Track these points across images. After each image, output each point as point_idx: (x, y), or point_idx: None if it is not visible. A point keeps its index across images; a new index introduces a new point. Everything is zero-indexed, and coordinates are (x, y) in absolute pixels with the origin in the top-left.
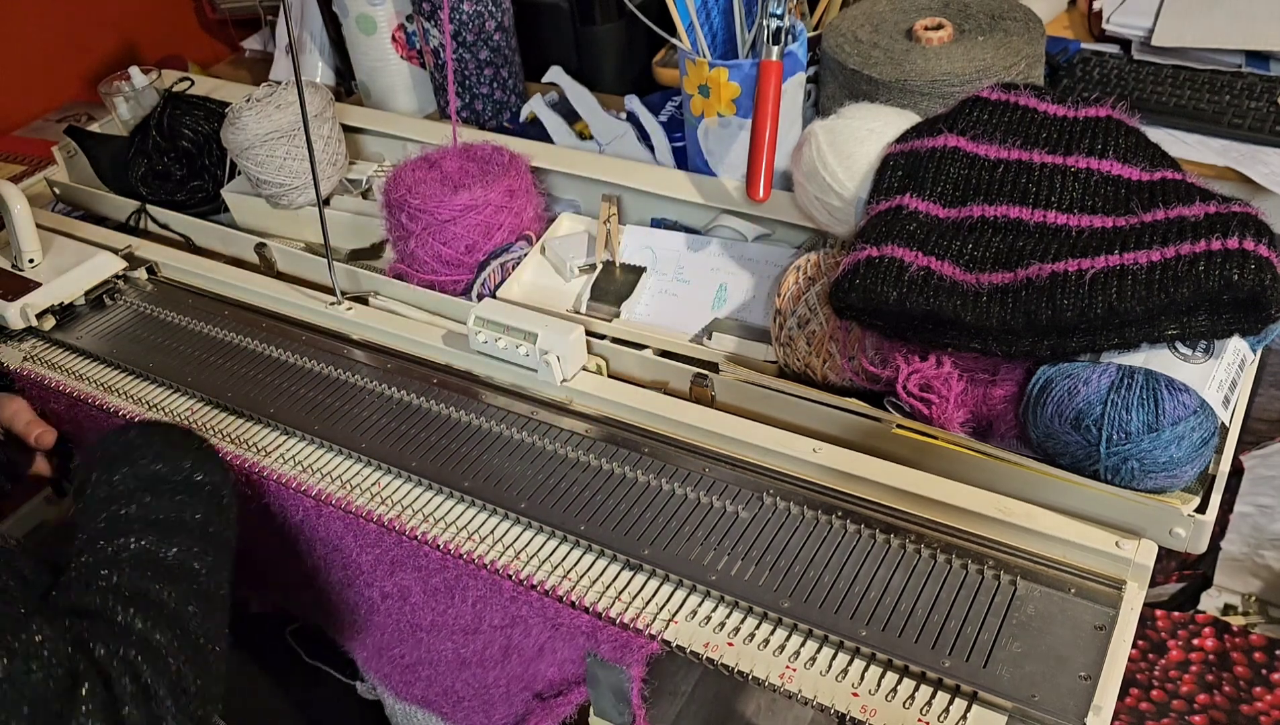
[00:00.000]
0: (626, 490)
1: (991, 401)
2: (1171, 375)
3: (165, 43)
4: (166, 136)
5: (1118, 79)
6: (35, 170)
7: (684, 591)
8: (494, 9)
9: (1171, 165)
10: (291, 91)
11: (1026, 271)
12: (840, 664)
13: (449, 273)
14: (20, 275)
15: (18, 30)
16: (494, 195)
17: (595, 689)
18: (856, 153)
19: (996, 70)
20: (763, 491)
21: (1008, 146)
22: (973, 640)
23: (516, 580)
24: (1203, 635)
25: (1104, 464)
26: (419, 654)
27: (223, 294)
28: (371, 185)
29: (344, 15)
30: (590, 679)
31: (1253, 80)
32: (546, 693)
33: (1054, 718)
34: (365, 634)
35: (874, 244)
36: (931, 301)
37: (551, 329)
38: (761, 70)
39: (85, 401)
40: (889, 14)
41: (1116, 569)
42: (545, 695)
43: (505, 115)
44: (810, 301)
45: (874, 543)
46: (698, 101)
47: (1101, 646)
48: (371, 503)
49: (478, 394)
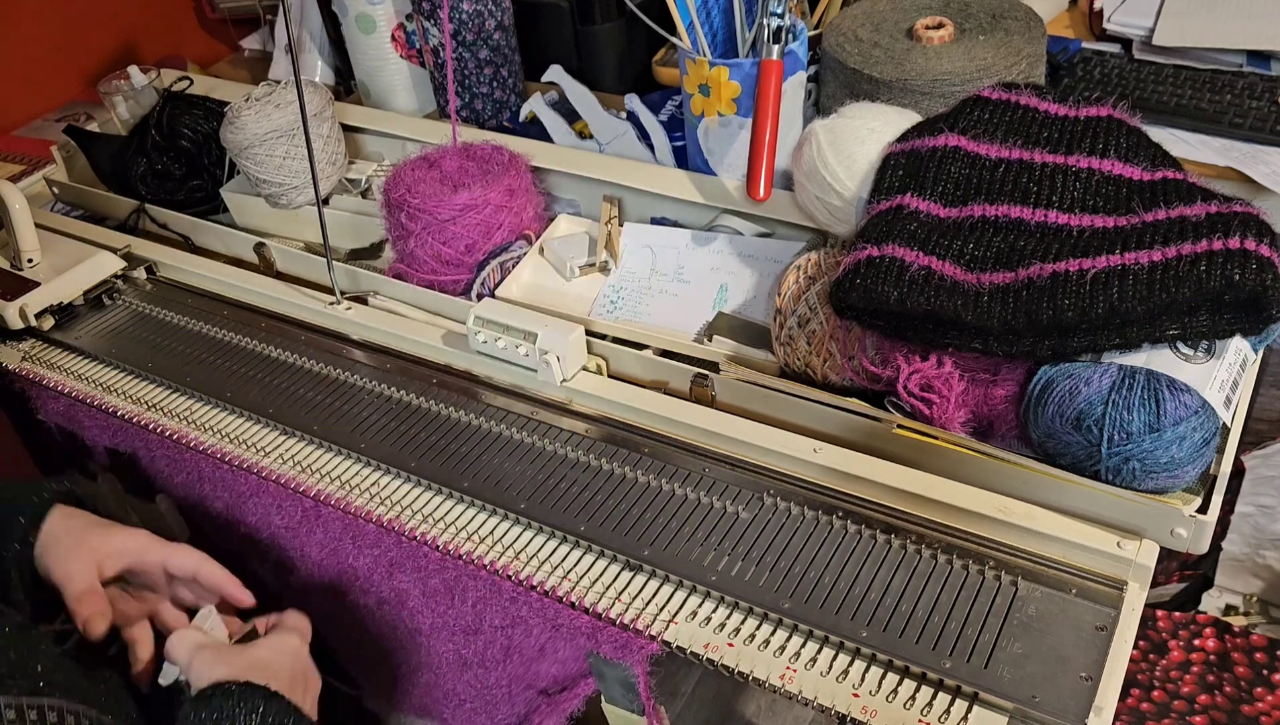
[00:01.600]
0: (626, 490)
1: (992, 401)
2: (1173, 375)
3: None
4: (166, 136)
5: (1118, 78)
6: (35, 170)
7: (684, 592)
8: (494, 8)
9: (1173, 165)
10: (291, 91)
11: (1027, 271)
12: (841, 665)
13: (449, 272)
14: (19, 275)
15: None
16: (494, 195)
17: (603, 680)
18: (857, 152)
19: (997, 69)
20: (763, 491)
21: (1009, 146)
22: (974, 641)
23: (516, 581)
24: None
25: (1105, 464)
26: (419, 659)
27: (222, 294)
28: (371, 185)
29: (343, 14)
30: (596, 672)
31: (1254, 80)
32: (551, 689)
33: (1055, 718)
34: (361, 643)
35: (874, 243)
36: (932, 301)
37: (551, 329)
38: (762, 69)
39: (85, 401)
40: (889, 13)
41: (1118, 569)
42: (550, 691)
43: (505, 115)
44: (810, 301)
45: (874, 543)
46: (698, 101)
47: (1103, 647)
48: (371, 503)
49: (477, 394)
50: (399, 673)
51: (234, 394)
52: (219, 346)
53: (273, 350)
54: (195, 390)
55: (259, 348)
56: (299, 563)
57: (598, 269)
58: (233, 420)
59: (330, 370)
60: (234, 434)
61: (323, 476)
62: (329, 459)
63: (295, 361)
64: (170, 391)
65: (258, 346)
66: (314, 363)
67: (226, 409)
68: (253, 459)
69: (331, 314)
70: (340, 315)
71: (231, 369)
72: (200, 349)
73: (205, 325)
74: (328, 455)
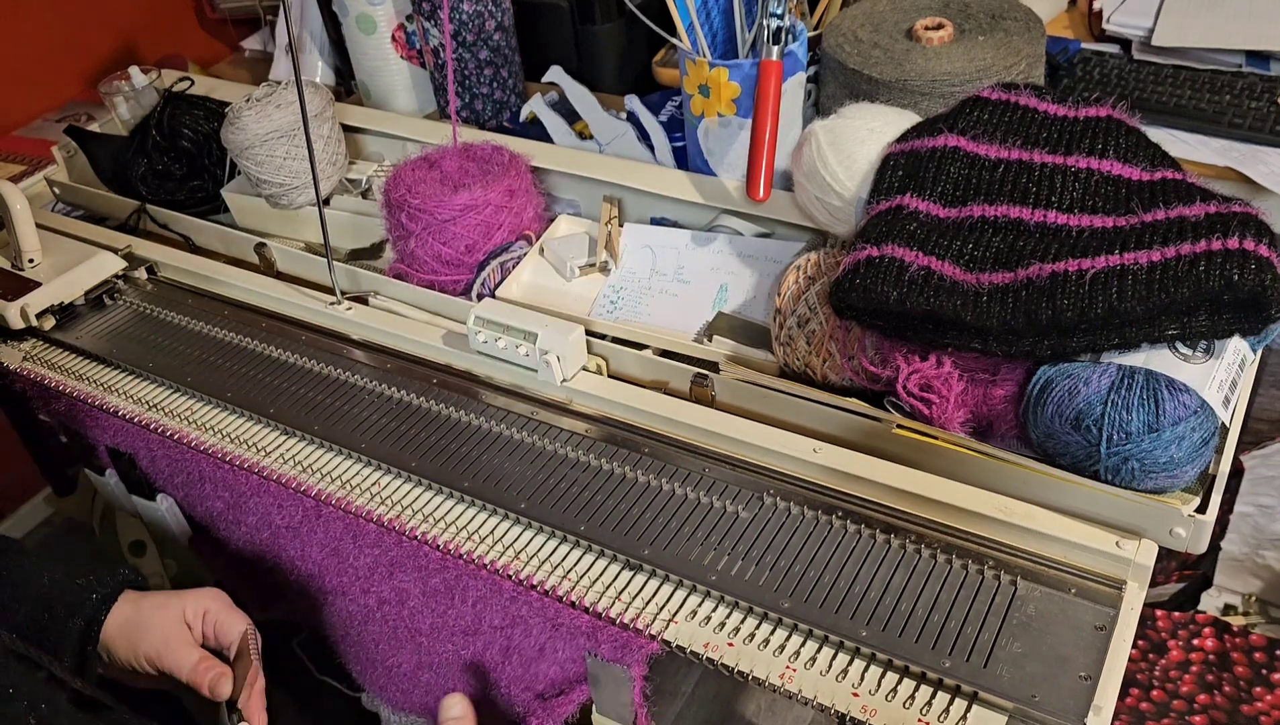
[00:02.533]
0: (626, 490)
1: (992, 401)
2: (1172, 375)
3: (165, 42)
4: (166, 136)
5: (1118, 79)
6: (35, 170)
7: (684, 591)
8: (494, 9)
9: (1172, 165)
10: (291, 91)
11: (1027, 271)
12: (840, 664)
13: (449, 273)
14: (20, 275)
15: (18, 30)
16: (494, 195)
17: (597, 688)
18: (857, 152)
19: (997, 70)
20: (763, 491)
21: (1008, 146)
22: (973, 640)
23: (516, 580)
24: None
25: (1104, 464)
26: (419, 659)
27: (222, 294)
28: (371, 185)
29: (344, 15)
30: (592, 679)
31: (1253, 80)
32: (548, 693)
33: (1054, 718)
34: (361, 644)
35: (874, 243)
36: (932, 301)
37: (551, 329)
38: (761, 70)
39: (85, 401)
40: (889, 14)
41: (1117, 569)
42: (546, 695)
43: (505, 115)
44: (810, 301)
45: (874, 543)
46: (698, 101)
47: (1102, 646)
48: (371, 503)
49: (478, 394)
50: (399, 672)
51: (235, 394)
52: (220, 346)
53: (273, 350)
54: (196, 390)
55: (259, 348)
56: (300, 562)
57: (598, 269)
58: (233, 420)
59: (331, 370)
60: (234, 434)
61: (323, 476)
62: (329, 459)
63: (296, 361)
64: (171, 391)
65: (258, 346)
66: (314, 363)
67: (227, 409)
68: (253, 459)
69: (332, 314)
70: (340, 315)
71: (232, 369)
72: (201, 349)
73: (206, 325)
74: (328, 455)
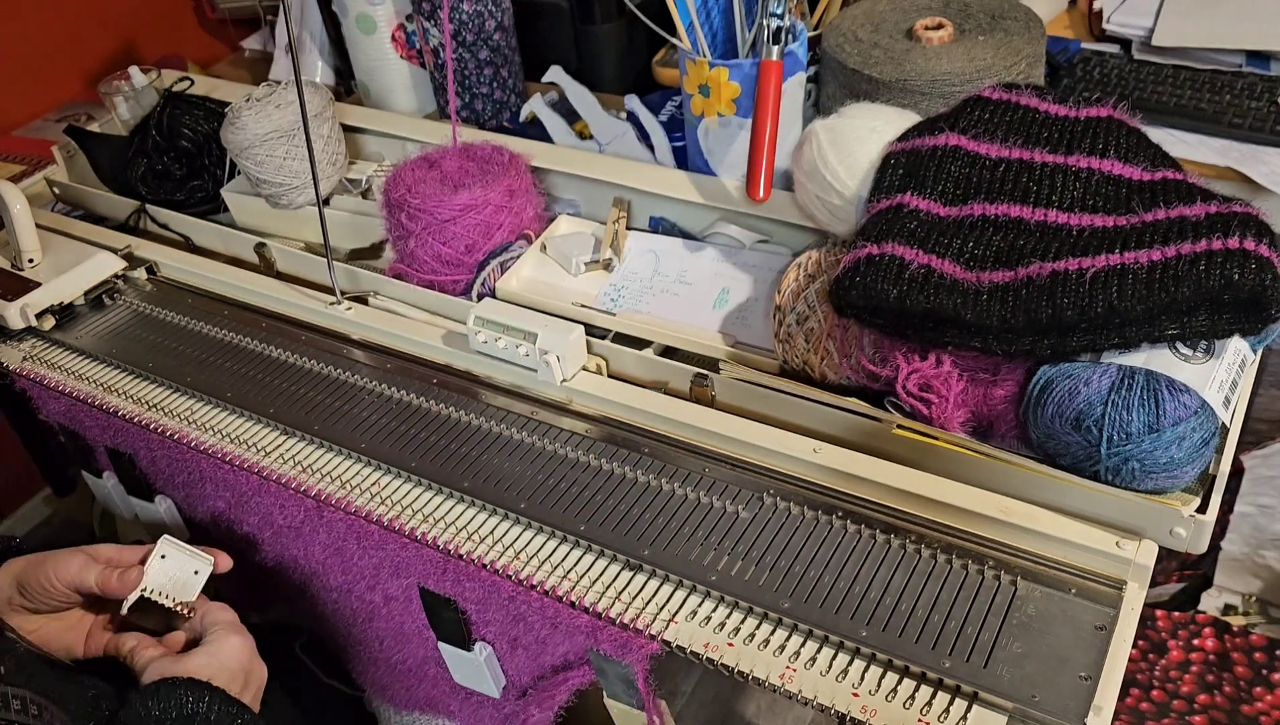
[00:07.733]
0: (626, 490)
1: (992, 401)
2: (1172, 376)
3: (165, 42)
4: (166, 136)
5: (1118, 79)
6: (35, 170)
7: (684, 591)
8: (494, 9)
9: (1172, 165)
10: (291, 91)
11: (1027, 270)
12: (840, 664)
13: (449, 272)
14: (20, 275)
15: (18, 30)
16: (494, 195)
17: (604, 677)
18: (857, 151)
19: (997, 70)
20: (763, 491)
21: (1009, 146)
22: (973, 640)
23: (516, 580)
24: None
25: (1104, 464)
26: (425, 652)
27: (222, 294)
28: (371, 185)
29: (344, 15)
30: (597, 668)
31: (1253, 80)
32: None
33: (1054, 718)
34: (364, 642)
35: (874, 242)
36: (932, 300)
37: (551, 329)
38: (761, 70)
39: (85, 401)
40: (889, 14)
41: (1117, 569)
42: (557, 668)
43: (505, 115)
44: (810, 298)
45: (874, 543)
46: (698, 101)
47: (1102, 647)
48: (371, 503)
49: (477, 394)
50: (404, 669)
51: (234, 394)
52: (219, 346)
53: (273, 350)
54: (196, 390)
55: (259, 348)
56: (303, 561)
57: (601, 266)
58: (233, 420)
59: (330, 370)
60: (234, 434)
61: (323, 476)
62: (329, 459)
63: (296, 361)
64: (171, 391)
65: (258, 346)
66: (314, 363)
67: (227, 409)
68: (253, 459)
69: (332, 314)
70: (340, 315)
71: (232, 369)
72: (201, 349)
73: (206, 325)
74: (328, 455)
